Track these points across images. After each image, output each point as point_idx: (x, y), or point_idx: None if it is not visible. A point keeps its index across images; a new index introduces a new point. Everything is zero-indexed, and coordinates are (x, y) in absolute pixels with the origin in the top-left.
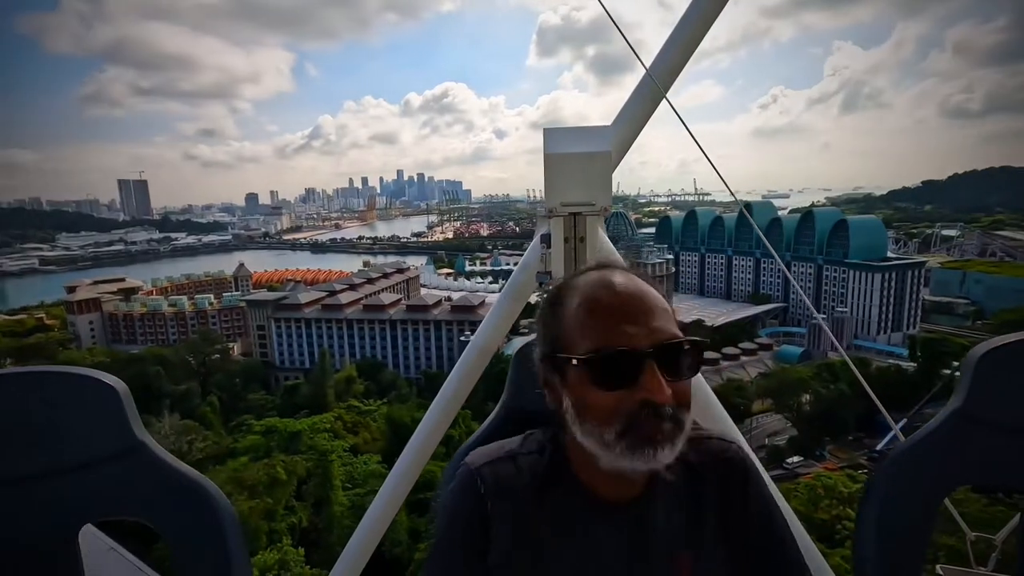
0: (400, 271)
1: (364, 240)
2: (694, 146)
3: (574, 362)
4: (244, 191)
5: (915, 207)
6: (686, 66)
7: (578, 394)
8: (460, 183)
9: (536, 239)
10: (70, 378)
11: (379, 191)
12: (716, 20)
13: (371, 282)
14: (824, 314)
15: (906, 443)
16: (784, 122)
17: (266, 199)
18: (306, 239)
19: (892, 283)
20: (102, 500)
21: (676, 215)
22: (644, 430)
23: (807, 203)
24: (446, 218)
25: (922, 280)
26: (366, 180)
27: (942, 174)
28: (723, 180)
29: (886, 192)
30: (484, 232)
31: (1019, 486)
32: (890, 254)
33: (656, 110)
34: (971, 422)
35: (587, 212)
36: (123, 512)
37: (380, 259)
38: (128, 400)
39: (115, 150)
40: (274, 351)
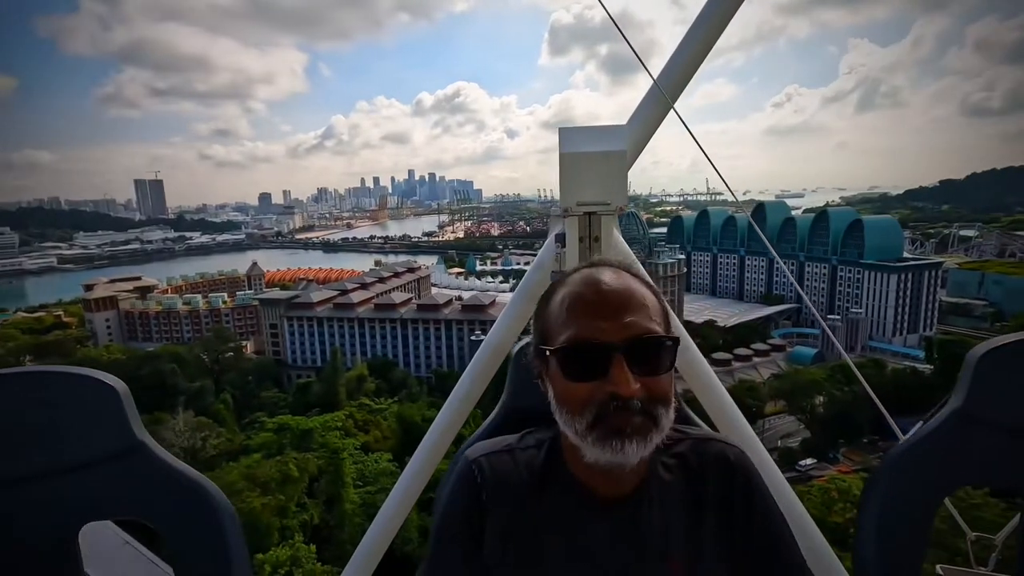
0: (411, 270)
1: (376, 239)
2: (707, 145)
3: (548, 353)
4: (257, 191)
5: (932, 207)
6: (699, 66)
7: (556, 384)
8: (471, 183)
9: (550, 238)
10: (70, 378)
11: (390, 191)
12: (732, 20)
13: (382, 281)
14: (838, 315)
15: (906, 443)
16: (798, 121)
17: (279, 199)
18: (318, 238)
19: (908, 284)
20: (102, 500)
21: (688, 215)
22: (612, 422)
23: (821, 203)
24: (457, 218)
25: (939, 281)
26: (378, 180)
27: (960, 173)
28: (724, 182)
29: (902, 192)
30: (495, 232)
31: (1019, 486)
32: (906, 254)
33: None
34: (971, 422)
35: (602, 211)
36: (123, 512)
37: (391, 258)
38: (128, 400)
39: (132, 150)
40: (286, 349)
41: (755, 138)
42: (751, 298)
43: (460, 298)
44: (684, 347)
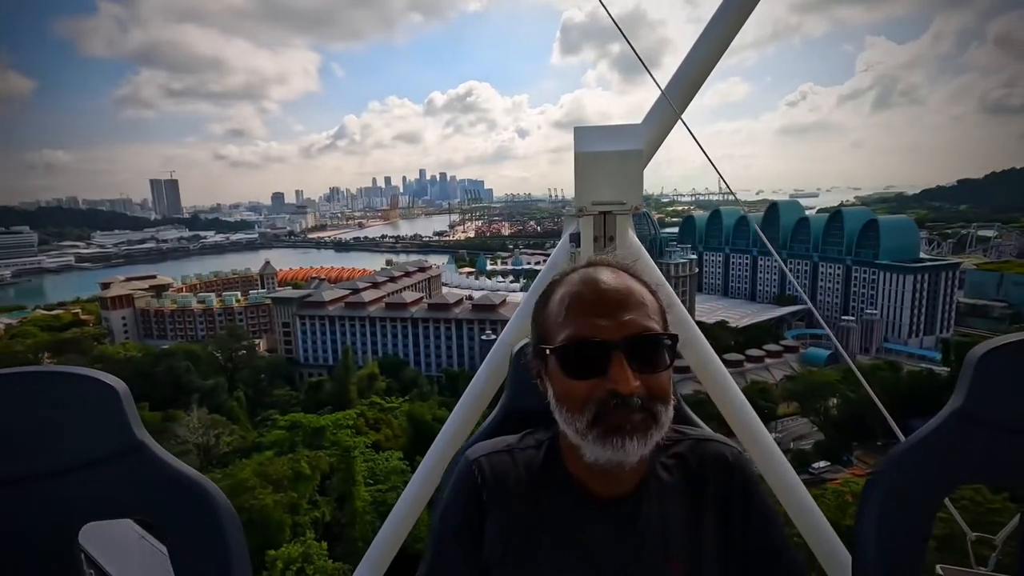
0: (422, 270)
1: (387, 239)
2: (719, 144)
3: (548, 351)
4: (270, 190)
5: (950, 206)
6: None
7: (555, 383)
8: (482, 182)
9: (564, 238)
10: (70, 378)
11: (402, 190)
12: (748, 19)
13: (393, 280)
14: (852, 316)
15: (906, 443)
16: (813, 120)
17: (292, 198)
18: (330, 238)
19: (925, 285)
20: (102, 500)
21: (700, 215)
22: (613, 419)
23: (836, 203)
24: (468, 217)
25: (956, 282)
26: (389, 180)
27: (979, 172)
28: (725, 181)
29: (919, 191)
30: (505, 231)
31: (1019, 486)
32: (923, 255)
33: (686, 109)
34: (971, 422)
35: (617, 211)
36: (123, 512)
37: (402, 258)
38: (128, 400)
39: (148, 151)
40: (298, 348)
41: (769, 137)
42: (764, 299)
43: (471, 298)
44: (698, 347)
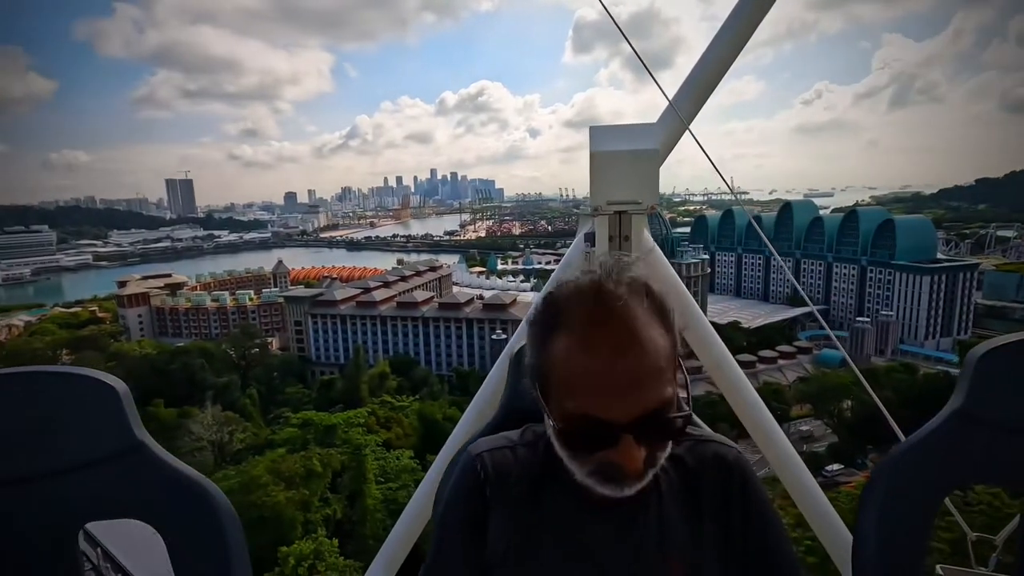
0: (433, 269)
1: (398, 238)
2: (732, 143)
3: (550, 422)
4: (283, 190)
5: (968, 206)
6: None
7: (555, 432)
8: (493, 182)
9: (579, 237)
10: (70, 378)
11: (413, 190)
12: (763, 18)
13: (404, 280)
14: (867, 317)
15: (906, 443)
16: (828, 118)
17: (304, 198)
18: (342, 237)
19: (942, 286)
20: (102, 500)
21: (712, 214)
22: (614, 475)
23: (851, 202)
24: (478, 217)
25: (974, 283)
26: (400, 179)
27: (999, 171)
28: (725, 181)
29: (936, 190)
30: (516, 231)
31: (1019, 486)
32: (940, 255)
33: (702, 108)
34: (971, 422)
35: (633, 211)
36: (123, 512)
37: (413, 257)
38: (128, 400)
39: (163, 151)
40: (310, 346)
41: (783, 136)
42: (777, 299)
43: (481, 297)
44: (712, 348)
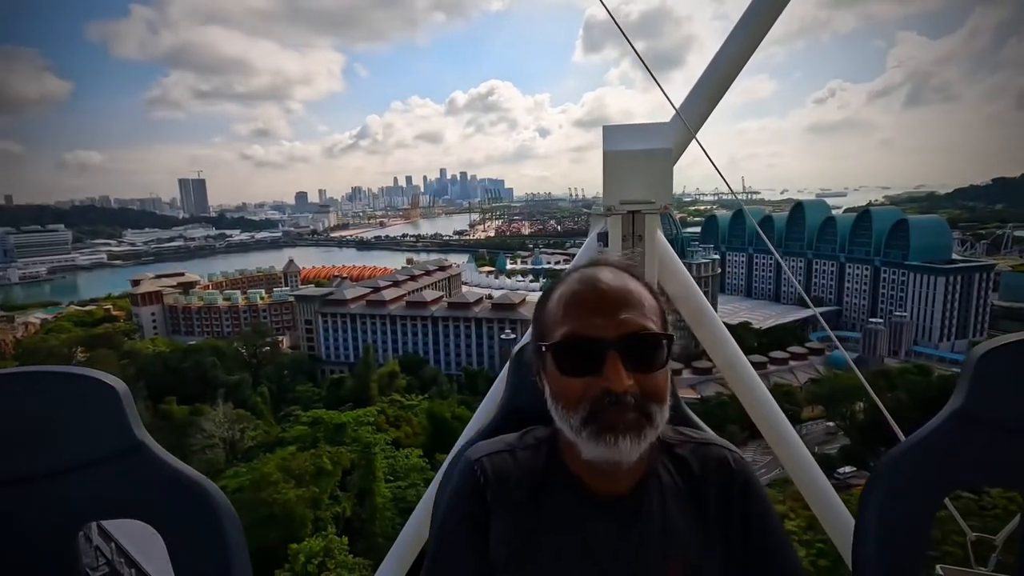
0: (442, 269)
1: (408, 238)
2: (744, 143)
3: (544, 348)
4: (294, 190)
5: (984, 206)
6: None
7: (551, 380)
8: (502, 181)
9: (591, 236)
10: (70, 378)
11: (423, 190)
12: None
13: (414, 279)
14: (881, 318)
15: (906, 443)
16: (841, 117)
17: (315, 197)
18: (352, 236)
19: (957, 287)
20: (102, 500)
21: (723, 214)
22: (606, 418)
23: (864, 202)
24: (488, 216)
25: (990, 284)
26: (410, 179)
27: (1016, 171)
28: (725, 180)
29: (952, 190)
30: (525, 231)
31: (1019, 486)
32: (955, 256)
33: (715, 107)
34: (971, 422)
35: (646, 210)
36: (123, 512)
37: (423, 256)
38: (128, 400)
39: (176, 151)
40: (320, 345)
41: (795, 135)
42: (788, 300)
43: (490, 297)
44: (725, 348)
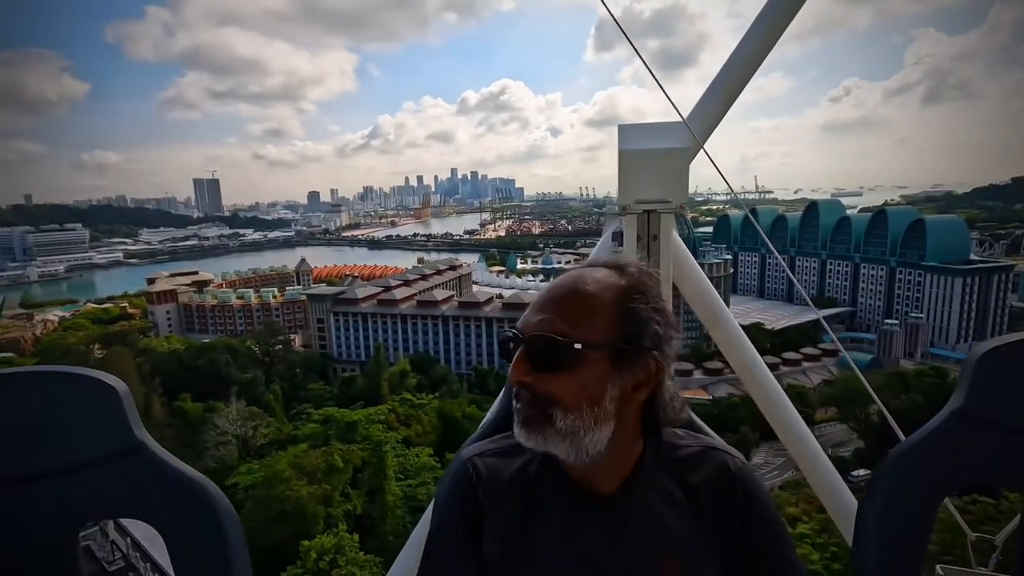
0: (453, 268)
1: (419, 237)
2: (757, 142)
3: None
4: (307, 189)
5: (1004, 206)
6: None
7: None
8: (513, 181)
9: (606, 236)
10: (70, 378)
11: (434, 189)
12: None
13: (425, 278)
14: (896, 320)
15: (906, 443)
16: (857, 116)
17: (327, 197)
18: (363, 236)
19: (975, 288)
20: (102, 500)
21: (735, 214)
22: (516, 405)
23: (879, 202)
24: (498, 216)
25: (1010, 285)
26: (421, 178)
27: None
28: (726, 181)
29: (970, 189)
30: (536, 230)
31: (1019, 486)
32: (973, 256)
33: (732, 105)
34: (971, 422)
35: (662, 209)
36: (123, 512)
37: (434, 256)
38: (128, 400)
39: (191, 151)
40: (332, 344)
41: (810, 134)
42: (802, 300)
43: (501, 296)
44: (741, 349)
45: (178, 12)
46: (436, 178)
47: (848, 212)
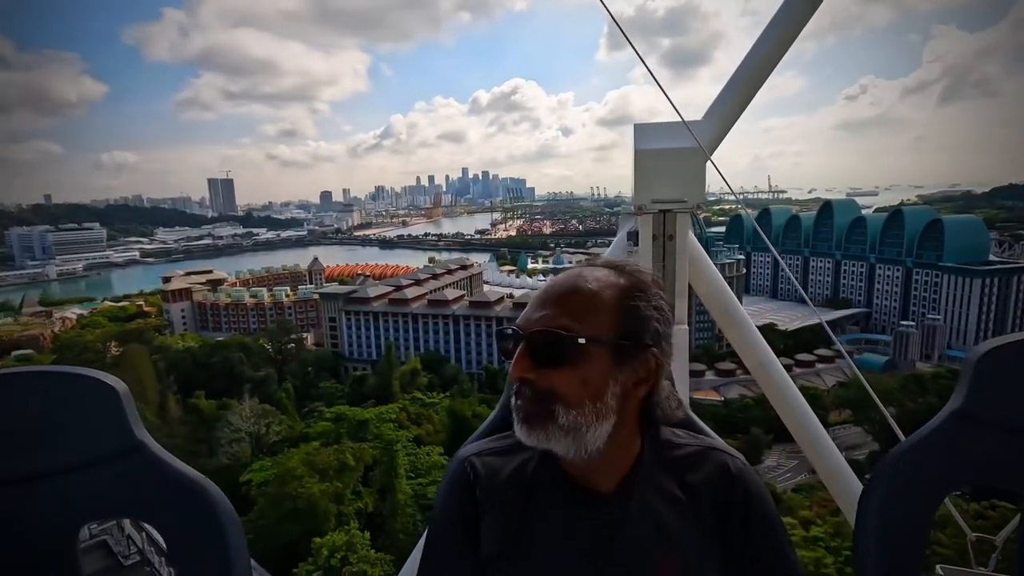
0: (464, 268)
1: (430, 237)
2: (770, 141)
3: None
4: (319, 189)
5: None
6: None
7: None
8: (524, 181)
9: (621, 235)
10: (70, 378)
11: (445, 189)
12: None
13: (436, 278)
14: (913, 321)
15: (906, 443)
16: (873, 114)
17: (339, 197)
18: (375, 235)
19: (994, 289)
20: (102, 500)
21: (748, 213)
22: (515, 403)
23: (895, 202)
24: (509, 216)
25: None
26: (432, 178)
27: None
28: (726, 182)
29: (989, 189)
30: (547, 230)
31: (1019, 486)
32: (992, 257)
33: (748, 105)
34: (971, 422)
35: (678, 209)
36: (123, 512)
37: (445, 255)
38: (128, 400)
39: (206, 151)
40: (344, 342)
41: (825, 133)
42: (816, 301)
43: (511, 296)
44: (757, 350)
45: (193, 13)
46: (447, 178)
47: (863, 212)
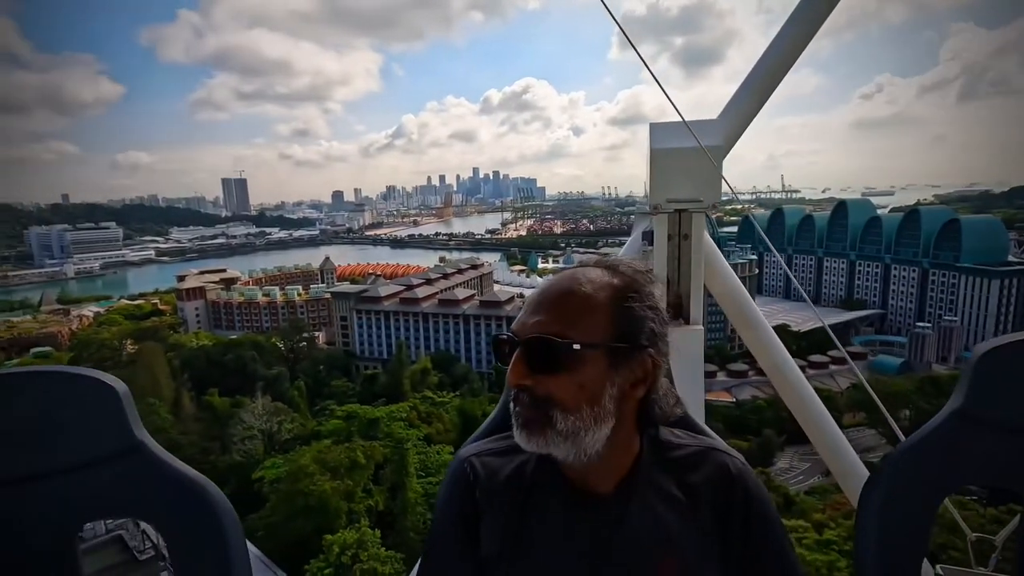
0: (474, 267)
1: (440, 236)
2: (784, 140)
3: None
4: (331, 189)
5: None
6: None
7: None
8: (534, 180)
9: (635, 235)
10: (70, 378)
11: (456, 188)
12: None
13: (446, 277)
14: (929, 323)
15: (906, 443)
16: (890, 113)
17: (350, 196)
18: (386, 235)
19: (1013, 290)
20: (102, 500)
21: (761, 213)
22: (514, 409)
23: (911, 201)
24: (520, 215)
25: None
26: (443, 178)
27: None
28: (729, 185)
29: (1008, 188)
30: (558, 230)
31: (1019, 486)
32: (1011, 257)
33: (764, 103)
34: (971, 422)
35: (694, 209)
36: (123, 512)
37: (455, 255)
38: (128, 400)
39: (219, 151)
40: (355, 341)
41: (840, 132)
42: (830, 302)
43: (522, 295)
44: (772, 350)
45: (208, 15)
46: (458, 177)
47: (879, 212)
